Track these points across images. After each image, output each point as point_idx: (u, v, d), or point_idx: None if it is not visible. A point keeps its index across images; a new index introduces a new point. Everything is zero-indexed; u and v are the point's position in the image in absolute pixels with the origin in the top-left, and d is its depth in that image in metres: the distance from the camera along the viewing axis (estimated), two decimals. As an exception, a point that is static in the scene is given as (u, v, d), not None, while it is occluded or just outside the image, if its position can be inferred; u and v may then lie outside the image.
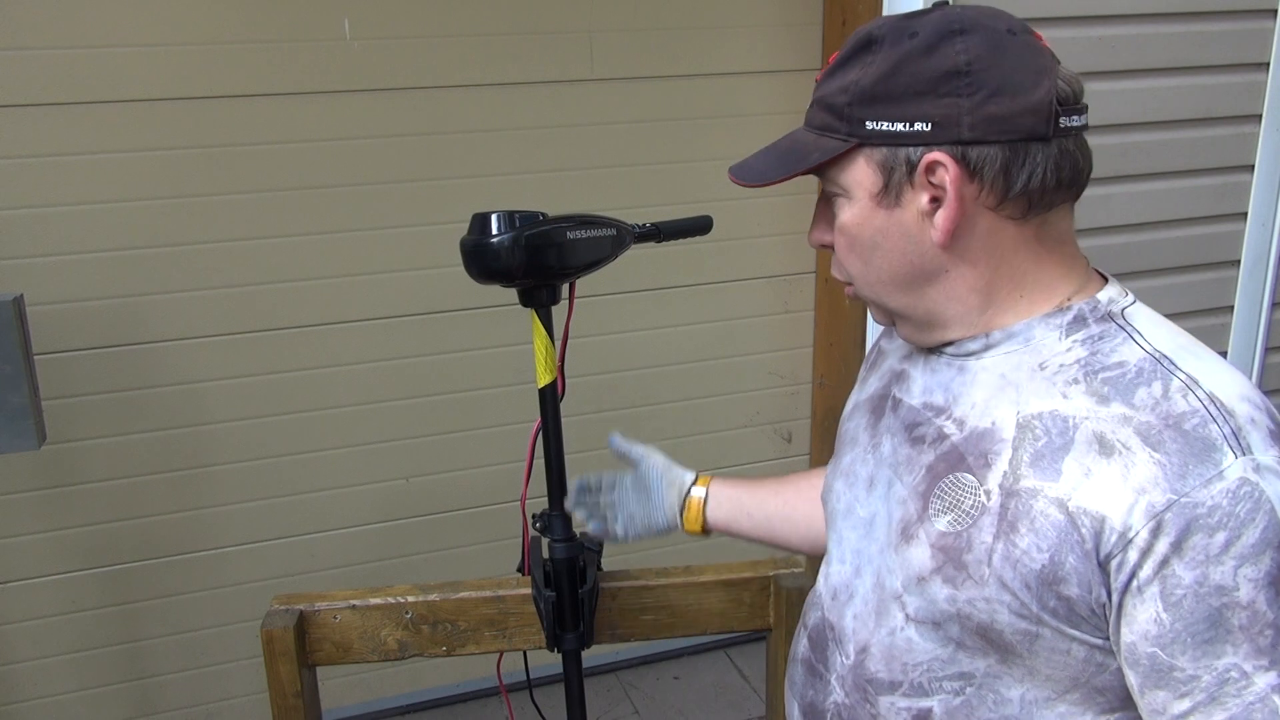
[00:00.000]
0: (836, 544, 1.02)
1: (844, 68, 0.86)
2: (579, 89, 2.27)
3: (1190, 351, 0.84)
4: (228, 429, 2.23)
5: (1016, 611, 0.82)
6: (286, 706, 1.37)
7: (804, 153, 0.88)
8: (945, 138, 0.81)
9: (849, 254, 0.91)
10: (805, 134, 0.90)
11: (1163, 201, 2.27)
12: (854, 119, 0.84)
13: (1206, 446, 0.76)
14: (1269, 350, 2.47)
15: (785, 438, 2.67)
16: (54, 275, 2.04)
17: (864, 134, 0.84)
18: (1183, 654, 0.77)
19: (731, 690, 2.62)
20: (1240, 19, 2.21)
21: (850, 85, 0.84)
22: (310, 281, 2.20)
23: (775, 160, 0.90)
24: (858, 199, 0.87)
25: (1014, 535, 0.82)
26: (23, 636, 2.21)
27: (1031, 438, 0.83)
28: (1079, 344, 0.86)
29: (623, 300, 2.41)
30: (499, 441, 2.40)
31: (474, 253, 1.18)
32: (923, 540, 0.89)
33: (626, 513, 1.30)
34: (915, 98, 0.81)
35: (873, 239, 0.88)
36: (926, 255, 0.86)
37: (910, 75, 0.81)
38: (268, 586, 2.29)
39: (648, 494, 1.29)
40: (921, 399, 0.95)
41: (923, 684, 0.90)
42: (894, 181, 0.84)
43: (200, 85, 2.04)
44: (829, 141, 0.86)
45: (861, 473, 1.00)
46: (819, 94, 0.88)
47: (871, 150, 0.84)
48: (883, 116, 0.83)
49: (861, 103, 0.83)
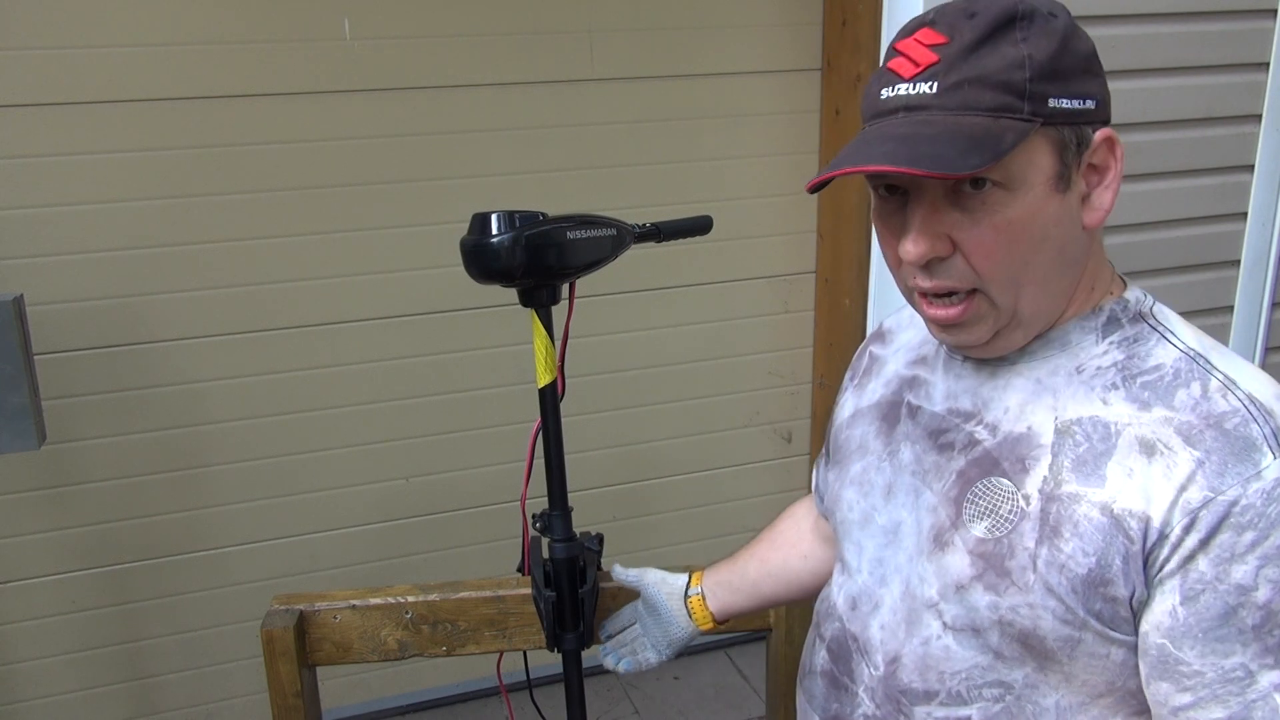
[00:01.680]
0: (855, 554, 1.00)
1: (992, 42, 0.77)
2: (579, 89, 2.27)
3: (1219, 351, 0.84)
4: (228, 429, 2.23)
5: (1061, 617, 0.82)
6: (286, 706, 1.37)
7: (994, 136, 0.76)
8: (1105, 115, 0.82)
9: (1004, 253, 0.80)
10: (966, 117, 0.77)
11: (1163, 201, 2.27)
12: (1037, 96, 0.77)
13: (1247, 446, 0.76)
14: (1269, 350, 2.47)
15: (785, 438, 2.67)
16: (54, 275, 2.04)
17: (1048, 112, 0.77)
18: (1191, 649, 0.77)
19: (731, 690, 2.62)
20: (1240, 19, 2.21)
21: (1025, 60, 0.77)
22: (310, 281, 2.20)
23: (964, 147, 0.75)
24: (1032, 186, 0.78)
25: (1058, 540, 0.81)
26: (23, 636, 2.21)
27: (1072, 443, 0.83)
28: (1115, 346, 0.85)
29: (623, 300, 2.41)
30: (499, 441, 2.40)
31: (474, 253, 1.18)
32: (959, 547, 0.87)
33: (652, 638, 1.31)
34: (1082, 75, 0.80)
35: (1044, 231, 0.80)
36: (1079, 243, 0.83)
37: (1074, 53, 0.79)
38: (268, 586, 2.29)
39: (659, 613, 1.29)
40: (945, 405, 0.93)
41: (961, 693, 0.89)
42: (1069, 161, 0.80)
43: (200, 85, 2.04)
44: (1012, 122, 0.77)
45: (878, 481, 0.98)
46: (974, 72, 0.77)
47: (1049, 131, 0.78)
48: (1063, 94, 0.78)
49: (1043, 78, 0.77)
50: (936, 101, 0.78)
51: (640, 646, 1.32)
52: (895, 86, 0.80)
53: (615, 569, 1.37)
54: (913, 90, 0.79)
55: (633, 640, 1.33)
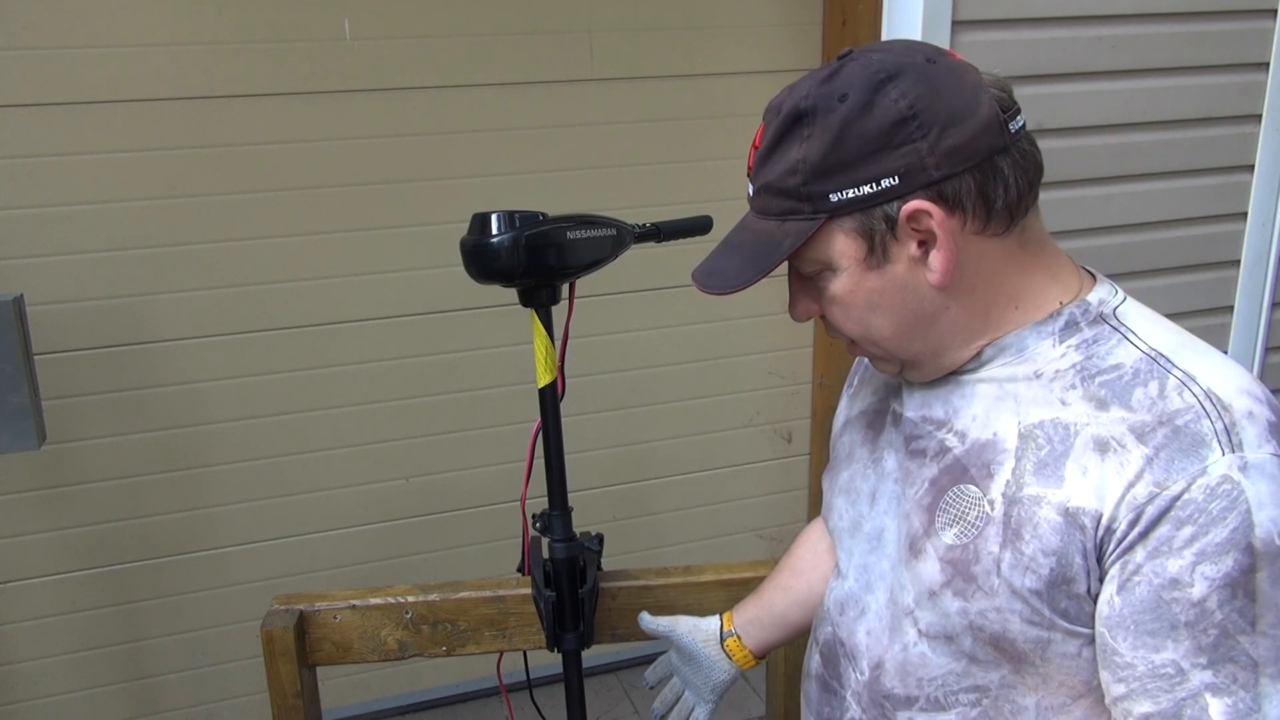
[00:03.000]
0: (845, 559, 1.02)
1: (780, 148, 0.84)
2: (579, 89, 2.27)
3: (1188, 347, 0.84)
4: (228, 429, 2.23)
5: (1028, 619, 0.82)
6: (286, 706, 1.37)
7: (774, 244, 0.85)
8: (916, 184, 0.81)
9: (846, 320, 0.89)
10: (763, 222, 0.87)
11: (1163, 201, 2.27)
12: (815, 196, 0.82)
13: (1195, 442, 0.76)
14: (1269, 350, 2.47)
15: (785, 438, 2.67)
16: (54, 275, 2.04)
17: (830, 207, 0.82)
18: (1124, 639, 0.77)
19: (731, 690, 2.61)
20: (1240, 19, 2.21)
21: (798, 165, 0.82)
22: (310, 281, 2.20)
23: (747, 258, 0.86)
24: (844, 268, 0.85)
25: (1019, 543, 0.82)
26: (23, 636, 2.21)
27: (1034, 447, 0.84)
28: (1073, 349, 0.86)
29: (623, 300, 2.41)
30: (499, 441, 2.40)
31: (474, 253, 1.18)
32: (931, 554, 0.88)
33: (694, 688, 1.28)
34: (871, 157, 0.80)
35: (869, 300, 0.86)
36: (926, 299, 0.85)
37: (858, 137, 0.80)
38: (268, 586, 2.29)
39: (697, 661, 1.27)
40: (919, 412, 0.94)
41: (939, 698, 0.90)
42: (877, 241, 0.83)
43: (200, 85, 2.04)
44: (796, 225, 0.84)
45: (863, 488, 1.00)
46: (763, 180, 0.86)
47: (842, 220, 0.83)
48: (845, 185, 0.81)
49: (817, 178, 0.82)
50: (752, 204, 0.89)
51: (686, 707, 1.29)
52: None
53: (644, 619, 1.32)
54: (748, 189, 0.90)
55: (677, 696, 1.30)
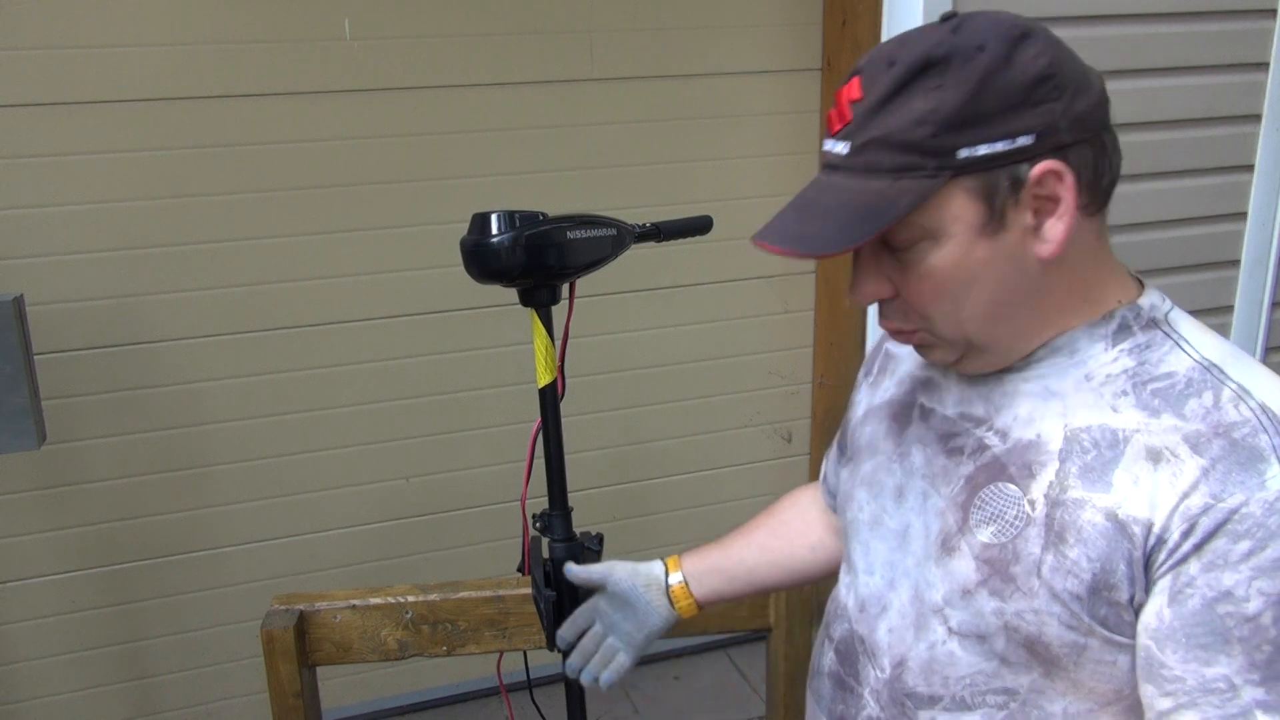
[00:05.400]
0: (863, 555, 1.00)
1: (899, 98, 0.77)
2: (579, 89, 2.26)
3: (1239, 359, 0.83)
4: (228, 429, 2.23)
5: (1066, 623, 0.81)
6: (286, 706, 1.37)
7: (887, 202, 0.77)
8: (1049, 145, 0.77)
9: (935, 299, 0.83)
10: (866, 181, 0.79)
11: (1163, 201, 2.27)
12: (944, 150, 0.76)
13: (1253, 456, 0.75)
14: (1269, 350, 2.47)
15: (785, 438, 2.67)
16: (54, 275, 2.04)
17: (957, 164, 0.76)
18: (1173, 652, 0.76)
19: (731, 690, 2.62)
20: (1240, 19, 2.21)
21: (927, 115, 0.76)
22: (310, 281, 2.20)
23: (847, 220, 0.78)
24: (955, 235, 0.79)
25: (1062, 546, 0.81)
26: (23, 636, 2.21)
27: (1080, 450, 0.82)
28: (1125, 353, 0.84)
29: (623, 300, 2.41)
30: (499, 441, 2.39)
31: (474, 253, 1.18)
32: (965, 553, 0.87)
33: (621, 634, 1.20)
34: (1013, 111, 0.76)
35: (971, 274, 0.80)
36: (1029, 274, 0.81)
37: (1000, 90, 0.76)
38: (268, 586, 2.29)
39: (632, 606, 1.20)
40: (957, 409, 0.92)
41: (965, 698, 0.89)
42: (998, 205, 0.78)
43: (200, 85, 2.04)
44: (913, 182, 0.77)
45: (888, 482, 0.98)
46: (876, 133, 0.78)
47: (965, 180, 0.77)
48: (979, 139, 0.76)
49: (949, 130, 0.76)
50: (846, 163, 0.80)
51: (610, 651, 1.21)
52: (825, 141, 0.84)
53: (570, 569, 1.22)
54: (834, 149, 0.82)
55: (598, 645, 1.22)
